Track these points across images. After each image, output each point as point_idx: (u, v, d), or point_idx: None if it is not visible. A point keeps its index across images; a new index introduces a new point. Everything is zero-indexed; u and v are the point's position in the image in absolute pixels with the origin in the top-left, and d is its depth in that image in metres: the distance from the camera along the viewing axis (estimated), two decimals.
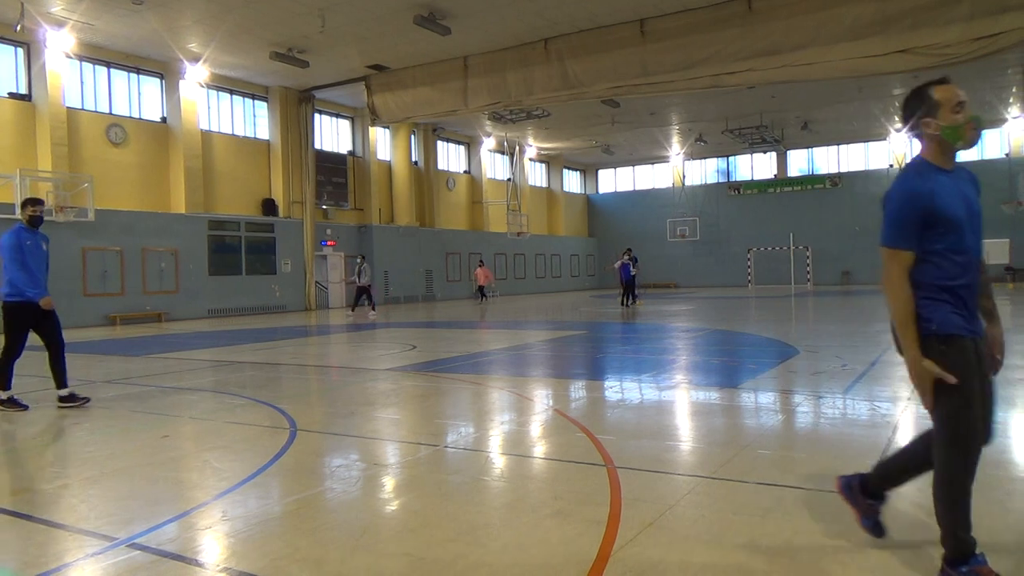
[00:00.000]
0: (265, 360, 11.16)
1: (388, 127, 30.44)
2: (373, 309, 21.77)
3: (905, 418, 5.68)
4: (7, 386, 7.01)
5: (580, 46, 18.59)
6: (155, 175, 22.76)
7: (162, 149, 22.92)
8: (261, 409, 6.81)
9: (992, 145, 35.97)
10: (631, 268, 23.12)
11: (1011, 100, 30.11)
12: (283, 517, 3.77)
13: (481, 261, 30.56)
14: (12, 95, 19.58)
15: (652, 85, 17.79)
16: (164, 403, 7.42)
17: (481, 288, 29.13)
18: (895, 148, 37.14)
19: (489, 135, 35.53)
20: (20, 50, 19.67)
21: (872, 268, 37.35)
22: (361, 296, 21.55)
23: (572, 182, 46.00)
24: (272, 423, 6.13)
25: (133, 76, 22.30)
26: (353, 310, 22.51)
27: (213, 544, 3.40)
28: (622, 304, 22.94)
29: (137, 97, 22.49)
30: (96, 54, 20.98)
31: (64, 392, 7.12)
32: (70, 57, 20.21)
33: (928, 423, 2.88)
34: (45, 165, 19.52)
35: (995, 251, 33.53)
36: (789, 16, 15.58)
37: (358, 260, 22.56)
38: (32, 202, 7.23)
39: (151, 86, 22.79)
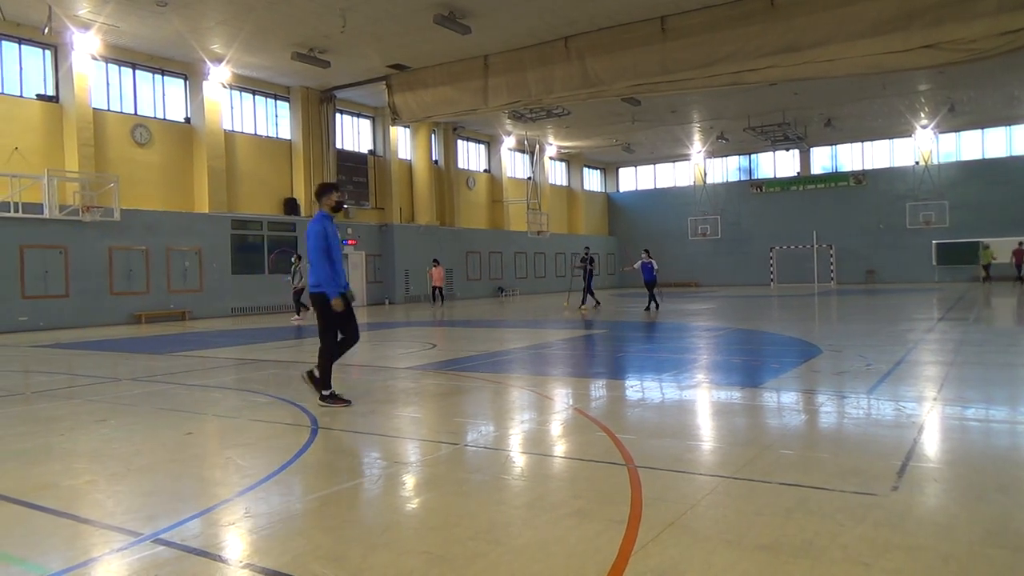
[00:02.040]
0: (287, 358, 11.25)
1: (409, 126, 30.53)
2: (298, 314, 19.84)
3: (931, 418, 5.60)
4: (329, 380, 6.78)
5: (600, 44, 18.53)
6: (179, 175, 23.02)
7: (186, 149, 23.17)
8: (283, 407, 6.87)
9: (1021, 142, 35.36)
10: (653, 268, 21.39)
11: None
12: (305, 514, 3.80)
13: (436, 260, 27.24)
14: (40, 97, 19.89)
15: (672, 83, 17.69)
16: (188, 400, 7.51)
17: (436, 289, 26.13)
18: (920, 145, 36.62)
19: (509, 134, 35.52)
20: (48, 52, 19.98)
21: (897, 266, 36.92)
22: (300, 300, 19.64)
23: (592, 180, 45.88)
24: (294, 421, 6.18)
25: (157, 77, 22.57)
26: (299, 314, 19.99)
27: (236, 540, 3.43)
28: (647, 309, 20.59)
29: (162, 98, 22.76)
30: (121, 56, 21.25)
31: (324, 392, 6.76)
32: (96, 59, 20.48)
33: (955, 424, 2.84)
34: (72, 165, 19.81)
35: None
36: (810, 12, 15.41)
37: (292, 260, 20.54)
38: (335, 188, 6.90)
39: (175, 87, 23.05)
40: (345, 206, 21.11)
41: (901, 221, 36.33)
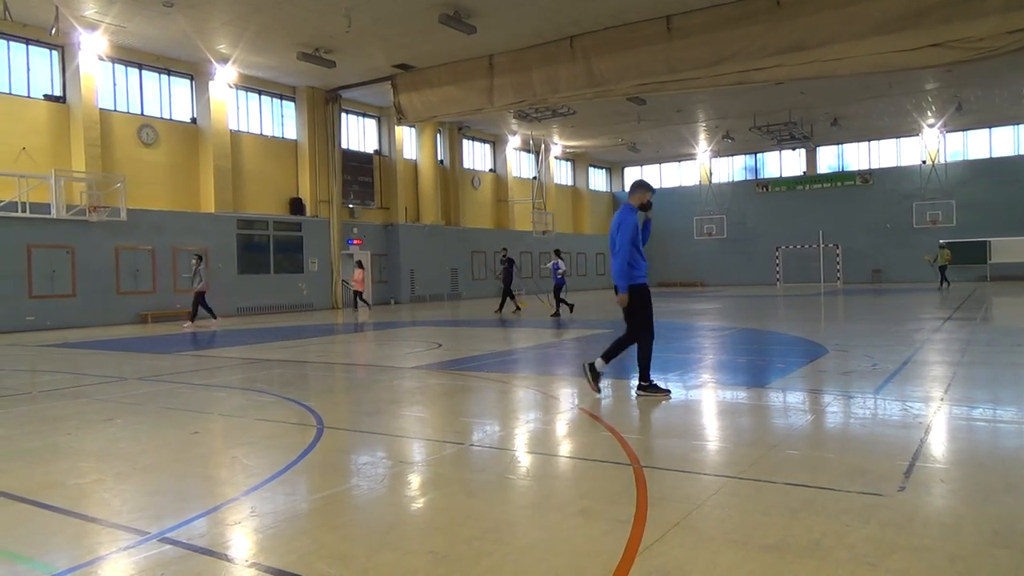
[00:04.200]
0: (292, 358, 11.27)
1: (414, 126, 30.56)
2: (192, 320, 18.58)
3: (938, 419, 5.58)
4: (648, 376, 6.81)
5: (605, 43, 18.49)
6: (185, 175, 23.08)
7: (192, 149, 23.23)
8: (289, 406, 6.88)
9: None
10: (558, 269, 19.74)
11: None
12: (310, 514, 3.81)
13: (360, 262, 24.35)
14: (47, 97, 19.98)
15: (678, 82, 17.64)
16: (193, 400, 7.53)
17: (358, 294, 23.38)
18: (927, 144, 36.49)
19: (515, 133, 35.52)
20: (55, 53, 20.06)
21: (903, 266, 36.78)
22: (199, 303, 18.46)
23: (598, 180, 45.84)
24: (299, 420, 6.19)
25: (164, 77, 22.64)
26: (193, 320, 18.72)
27: (242, 539, 3.44)
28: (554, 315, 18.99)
29: (168, 98, 22.83)
30: (128, 56, 21.32)
31: (643, 383, 6.83)
32: (103, 59, 20.57)
33: (962, 425, 2.83)
34: (79, 165, 19.89)
35: None
36: (816, 11, 15.35)
37: (193, 261, 18.87)
38: (650, 190, 6.91)
39: (181, 87, 23.12)
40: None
41: (908, 220, 36.22)
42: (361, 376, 9.34)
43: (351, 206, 28.21)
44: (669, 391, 6.81)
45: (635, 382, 7.00)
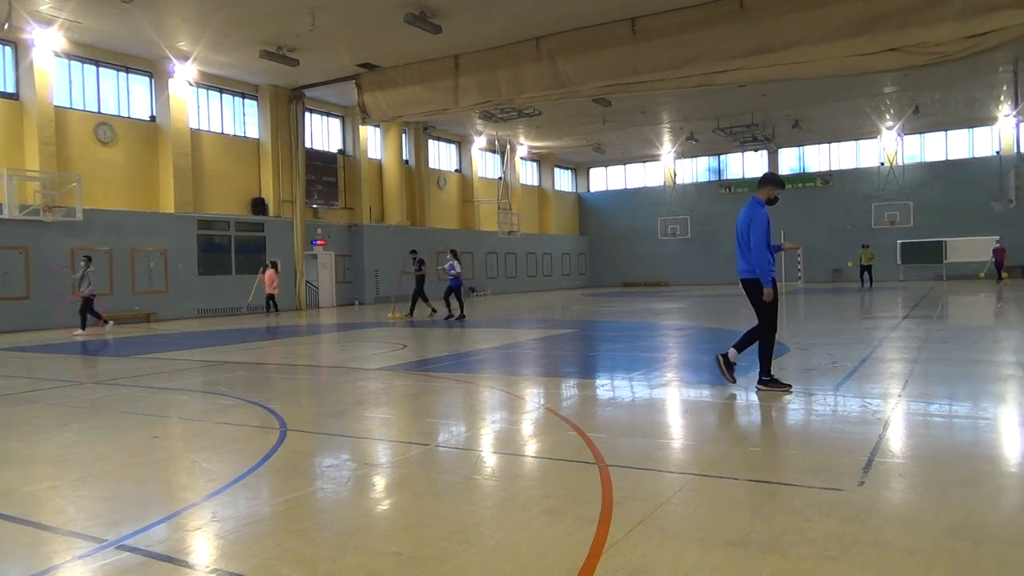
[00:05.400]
0: (255, 360, 11.11)
1: (379, 126, 30.36)
2: (83, 328, 17.23)
3: (896, 415, 5.69)
4: (769, 370, 6.82)
5: (571, 45, 18.56)
6: (144, 174, 22.63)
7: (151, 148, 22.79)
8: (251, 409, 6.78)
9: (983, 143, 36.18)
10: (453, 269, 19.19)
11: (1001, 98, 30.26)
12: (273, 517, 3.75)
13: (271, 263, 23.07)
14: (0, 94, 19.43)
15: (643, 84, 17.78)
16: (153, 404, 7.38)
17: (269, 297, 22.12)
18: (886, 146, 37.29)
19: (480, 134, 35.48)
20: (8, 48, 19.52)
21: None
22: (87, 309, 17.28)
23: (563, 181, 46.01)
24: (262, 423, 6.10)
25: (122, 75, 22.17)
26: (84, 328, 17.33)
27: (203, 545, 3.38)
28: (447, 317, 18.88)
29: (126, 96, 22.36)
30: (84, 52, 20.84)
31: (765, 377, 6.84)
32: (58, 55, 20.08)
33: (919, 420, 2.88)
34: (33, 164, 19.38)
35: (986, 247, 33.76)
36: (780, 14, 15.59)
37: (81, 262, 17.52)
38: (780, 184, 6.89)
39: (140, 85, 22.66)
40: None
41: (867, 221, 36.95)
42: (325, 378, 9.25)
43: (315, 206, 27.92)
44: (791, 386, 6.84)
45: (607, 381, 7.01)
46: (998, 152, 34.78)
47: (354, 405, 6.91)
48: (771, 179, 6.92)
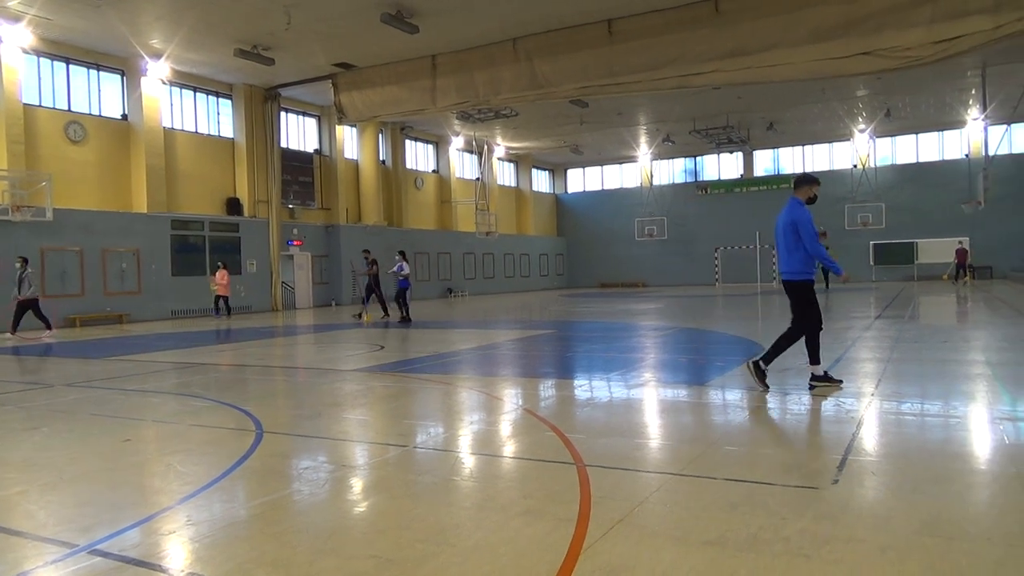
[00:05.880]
0: (230, 362, 11.00)
1: (355, 126, 30.20)
2: (13, 332, 16.32)
3: (869, 414, 5.77)
4: (819, 360, 6.94)
5: (548, 46, 18.60)
6: (116, 174, 22.30)
7: (123, 147, 22.47)
8: (226, 411, 6.70)
9: (952, 146, 36.82)
10: (400, 271, 18.70)
11: (970, 102, 30.80)
12: (249, 520, 3.71)
13: (222, 264, 22.13)
14: None
15: (619, 85, 17.86)
16: (126, 406, 7.27)
17: (222, 300, 21.64)
18: (859, 149, 37.81)
19: (458, 134, 35.44)
20: None
21: None
22: (24, 314, 16.34)
23: (541, 182, 46.09)
24: (237, 425, 6.04)
25: (93, 72, 21.83)
26: (13, 332, 16.38)
27: (177, 549, 3.33)
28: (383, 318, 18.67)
29: (97, 94, 22.03)
30: (54, 49, 20.50)
31: (819, 371, 6.95)
32: (27, 52, 19.72)
33: (892, 419, 2.92)
34: (0, 163, 19.01)
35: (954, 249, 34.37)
36: (755, 18, 15.75)
37: (17, 264, 16.50)
38: (817, 183, 6.95)
39: (111, 83, 22.33)
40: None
41: (840, 222, 37.41)
42: (302, 379, 9.18)
43: (291, 206, 27.70)
44: (842, 381, 6.94)
45: (588, 382, 7.04)
46: (967, 155, 35.41)
47: (331, 407, 6.86)
48: (808, 178, 7.02)
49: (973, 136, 35.03)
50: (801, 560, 2.97)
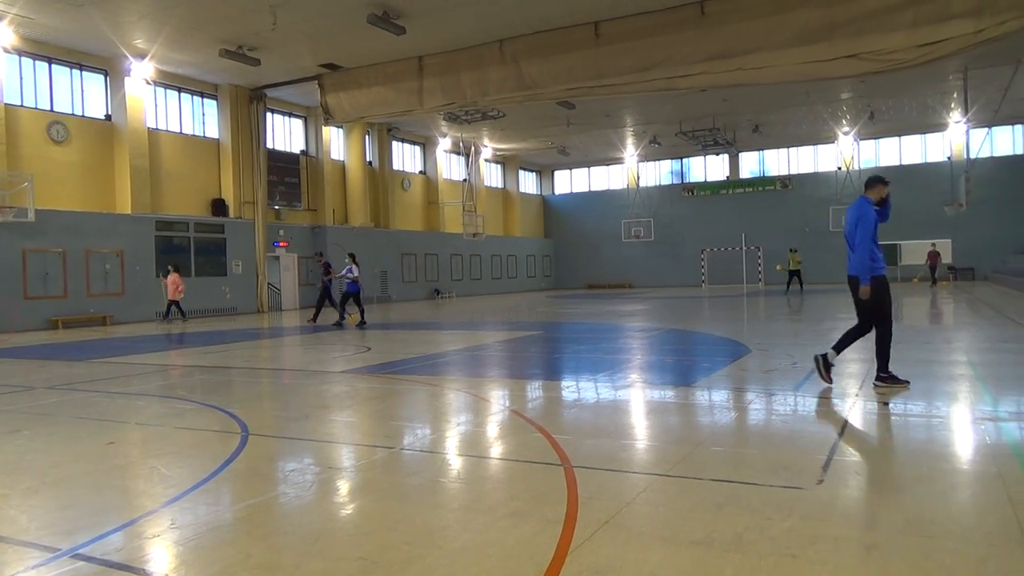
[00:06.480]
0: (215, 363, 10.93)
1: (342, 127, 30.09)
2: None
3: (854, 414, 5.81)
4: (839, 352, 6.99)
5: (535, 48, 18.62)
6: (99, 174, 22.11)
7: (106, 148, 22.29)
8: (211, 413, 6.66)
9: (935, 149, 37.17)
10: (352, 272, 18.24)
11: (952, 105, 31.10)
12: (234, 523, 3.69)
13: (174, 266, 21.19)
14: None
15: (606, 87, 17.90)
16: (109, 409, 7.21)
17: (174, 304, 20.73)
18: (843, 151, 38.11)
19: (445, 135, 35.40)
20: None
21: (821, 268, 38.28)
22: None
23: (528, 183, 46.12)
24: (223, 427, 6.00)
25: (76, 72, 21.64)
26: None
27: (162, 553, 3.31)
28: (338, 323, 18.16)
29: (80, 94, 21.83)
30: (36, 49, 20.30)
31: (883, 374, 6.88)
32: (8, 52, 19.52)
33: (875, 419, 2.94)
34: None
35: (940, 251, 34.68)
36: (740, 21, 15.84)
37: None
38: (887, 184, 6.94)
39: (95, 83, 22.15)
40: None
41: (825, 224, 37.66)
42: (288, 381, 9.13)
43: (277, 207, 27.57)
44: (908, 381, 6.90)
45: (572, 382, 7.04)
46: (949, 157, 35.77)
47: (317, 408, 6.83)
48: (878, 180, 7.01)
49: (955, 139, 35.38)
50: (787, 560, 2.99)
